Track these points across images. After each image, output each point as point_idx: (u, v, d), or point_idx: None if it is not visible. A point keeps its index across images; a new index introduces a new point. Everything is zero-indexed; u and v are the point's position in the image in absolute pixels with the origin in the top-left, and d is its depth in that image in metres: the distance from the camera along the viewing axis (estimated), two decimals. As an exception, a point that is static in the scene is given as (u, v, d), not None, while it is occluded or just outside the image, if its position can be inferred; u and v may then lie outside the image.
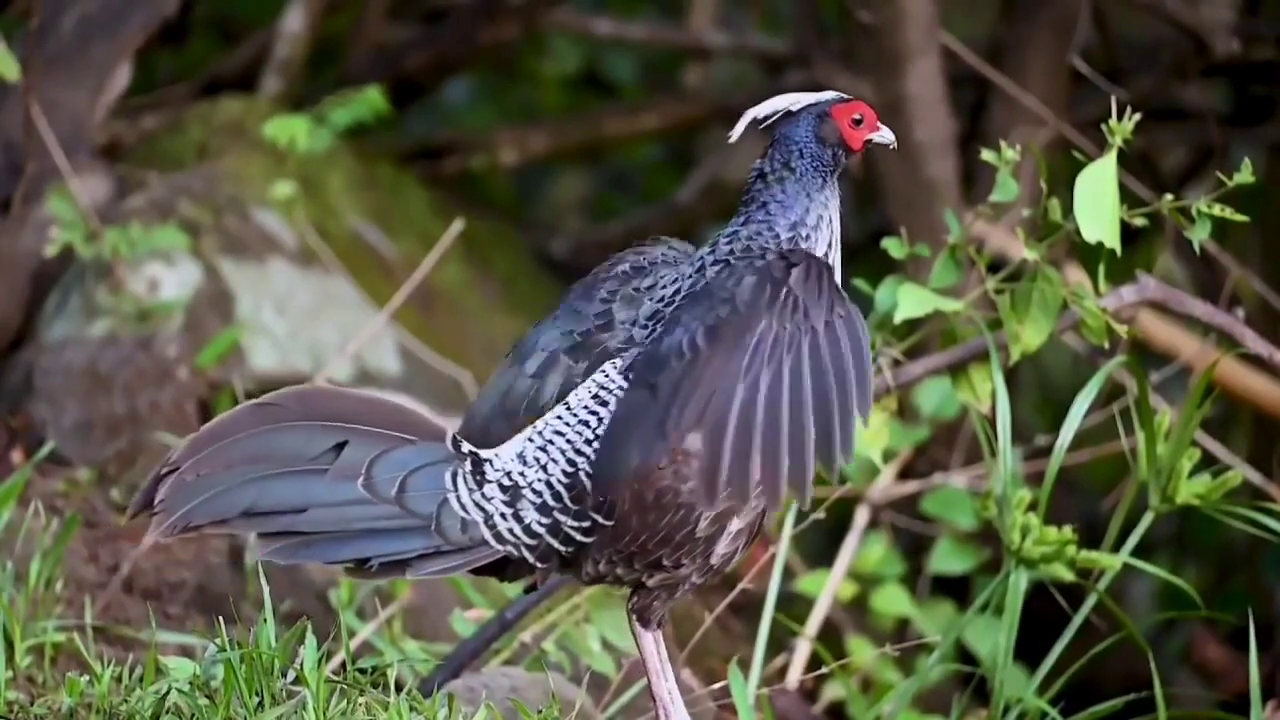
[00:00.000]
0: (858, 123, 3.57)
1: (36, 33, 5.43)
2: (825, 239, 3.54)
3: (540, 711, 3.74)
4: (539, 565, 3.46)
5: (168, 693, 3.61)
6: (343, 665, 3.69)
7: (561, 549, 3.45)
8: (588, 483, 3.43)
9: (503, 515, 3.43)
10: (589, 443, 3.44)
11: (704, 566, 3.48)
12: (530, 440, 3.47)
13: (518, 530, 3.44)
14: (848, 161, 3.58)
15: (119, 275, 5.38)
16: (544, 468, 3.44)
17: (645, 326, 3.50)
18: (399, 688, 3.72)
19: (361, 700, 3.62)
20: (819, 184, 3.54)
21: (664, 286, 3.54)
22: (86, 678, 3.71)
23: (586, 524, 3.44)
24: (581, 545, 3.45)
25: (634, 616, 3.54)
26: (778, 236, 3.52)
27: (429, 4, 7.56)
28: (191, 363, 5.32)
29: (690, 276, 3.52)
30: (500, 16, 6.96)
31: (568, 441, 3.45)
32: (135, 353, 5.28)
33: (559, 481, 3.44)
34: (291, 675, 3.60)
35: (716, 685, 4.35)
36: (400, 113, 6.89)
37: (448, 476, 3.43)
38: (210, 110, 6.23)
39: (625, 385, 3.45)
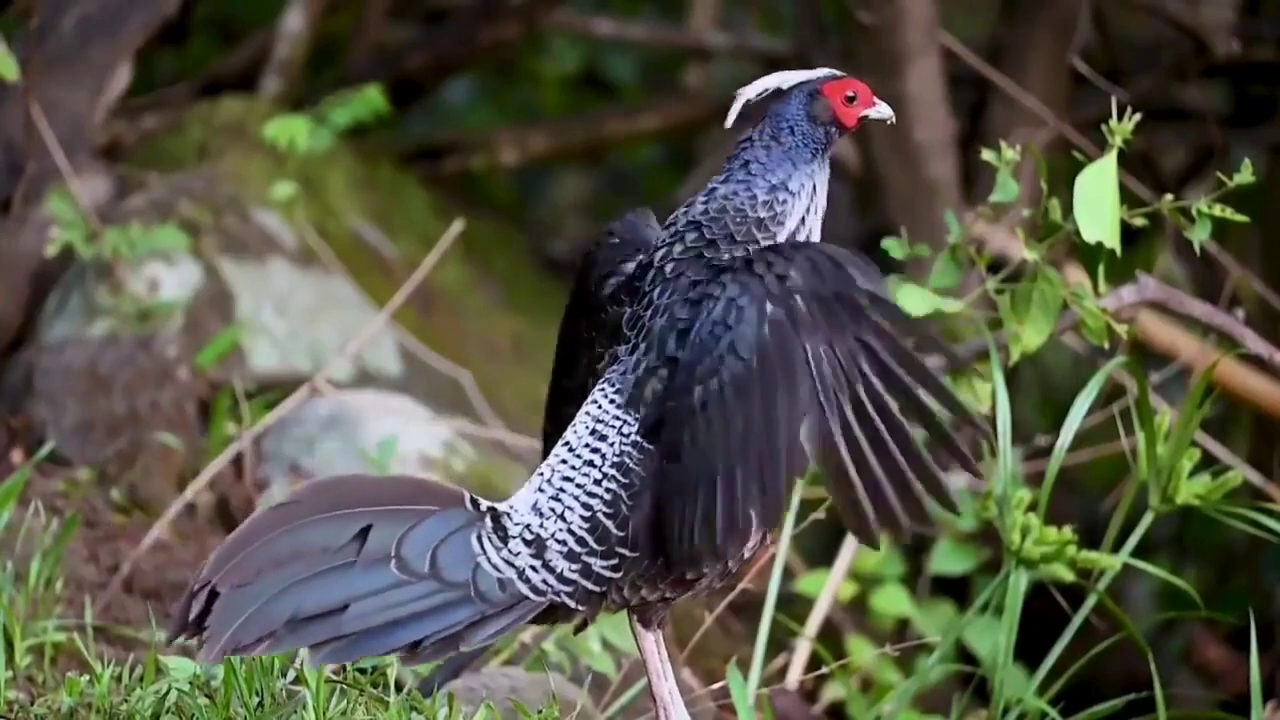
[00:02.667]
0: (851, 100, 3.47)
1: (36, 33, 5.42)
2: (803, 205, 3.44)
3: (540, 711, 3.74)
4: (579, 608, 3.40)
5: (168, 693, 3.61)
6: (343, 665, 3.69)
7: (595, 589, 3.39)
8: (608, 523, 3.37)
9: (533, 568, 3.37)
10: (598, 482, 3.37)
11: (723, 571, 3.44)
12: (541, 491, 3.40)
13: (551, 580, 3.37)
14: (841, 138, 3.49)
15: (119, 275, 5.37)
16: (561, 516, 3.38)
17: (627, 339, 3.44)
18: (399, 688, 3.72)
19: (361, 700, 3.62)
20: (807, 157, 3.45)
21: (638, 277, 3.46)
22: (86, 678, 3.71)
23: (615, 560, 3.38)
24: (611, 580, 3.40)
25: (634, 617, 3.53)
26: (754, 197, 3.42)
27: (429, 4, 7.56)
28: (191, 363, 5.32)
29: (665, 245, 3.44)
30: (500, 16, 6.95)
31: (578, 486, 3.39)
32: (135, 353, 5.28)
33: (580, 527, 3.38)
34: (291, 675, 3.60)
35: (716, 685, 4.35)
36: (400, 113, 6.88)
37: (474, 540, 3.35)
38: (210, 110, 6.22)
39: (623, 417, 3.39)
